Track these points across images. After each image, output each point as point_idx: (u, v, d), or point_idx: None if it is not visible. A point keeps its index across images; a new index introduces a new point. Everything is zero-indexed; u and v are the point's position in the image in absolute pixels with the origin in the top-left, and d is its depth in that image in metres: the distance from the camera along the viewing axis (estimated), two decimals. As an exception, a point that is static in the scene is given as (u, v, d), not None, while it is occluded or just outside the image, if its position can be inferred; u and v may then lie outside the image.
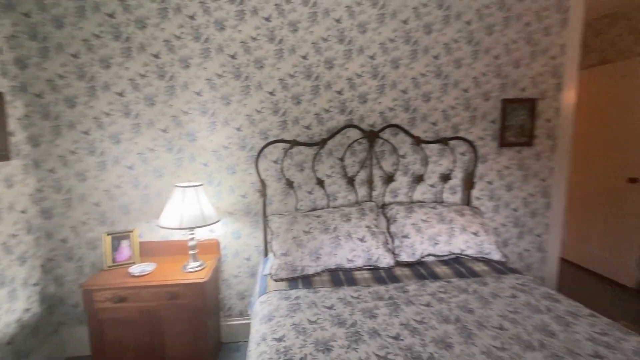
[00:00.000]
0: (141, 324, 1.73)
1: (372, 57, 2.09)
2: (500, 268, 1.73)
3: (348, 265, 1.70)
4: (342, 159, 2.11)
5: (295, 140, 1.99)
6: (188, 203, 1.72)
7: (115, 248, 1.89)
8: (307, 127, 2.09)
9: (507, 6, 2.16)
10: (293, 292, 1.48)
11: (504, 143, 2.28)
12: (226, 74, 1.99)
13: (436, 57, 2.14)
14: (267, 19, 1.97)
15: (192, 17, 1.91)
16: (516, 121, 2.28)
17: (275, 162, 2.09)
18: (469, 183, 2.23)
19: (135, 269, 1.80)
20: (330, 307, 1.34)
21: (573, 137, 3.35)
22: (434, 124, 2.21)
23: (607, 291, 2.81)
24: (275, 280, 1.61)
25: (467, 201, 2.25)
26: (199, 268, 1.85)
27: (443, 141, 2.15)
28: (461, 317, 1.26)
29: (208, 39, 1.94)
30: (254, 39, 1.98)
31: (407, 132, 2.11)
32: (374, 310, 1.31)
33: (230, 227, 2.13)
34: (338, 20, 2.02)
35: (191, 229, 1.74)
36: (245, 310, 2.20)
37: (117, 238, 1.89)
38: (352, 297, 1.43)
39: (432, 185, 2.26)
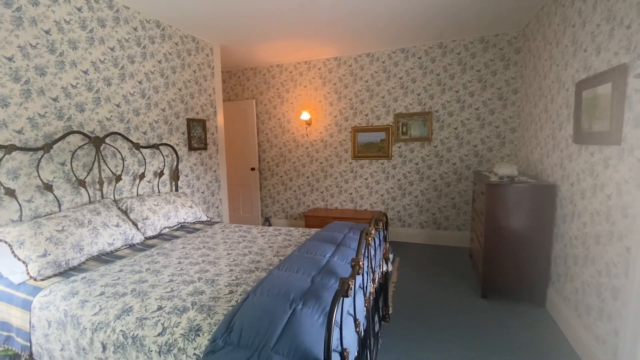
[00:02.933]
0: None
1: (85, 72, 2.35)
2: (210, 223, 2.84)
3: (109, 249, 2.04)
4: (65, 164, 2.21)
5: (12, 145, 1.87)
6: None
7: None
8: (19, 132, 1.98)
9: (182, 56, 3.24)
10: (75, 277, 1.68)
11: (191, 148, 3.38)
12: None
13: (140, 82, 2.79)
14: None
15: None
16: (196, 133, 3.45)
17: (-29, 171, 1.80)
18: (175, 177, 3.11)
19: None
20: (120, 270, 1.76)
21: (225, 143, 5.10)
22: (145, 133, 2.85)
23: (250, 234, 4.83)
24: (42, 280, 1.65)
25: (176, 189, 3.12)
26: None
27: (154, 146, 2.86)
28: (206, 245, 2.21)
29: None
30: None
31: (126, 139, 2.60)
32: (154, 260, 1.92)
33: None
34: (47, 32, 2.11)
35: None
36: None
37: None
38: (131, 261, 1.90)
39: (149, 181, 2.89)
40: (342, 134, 4.43)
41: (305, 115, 4.43)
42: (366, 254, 1.59)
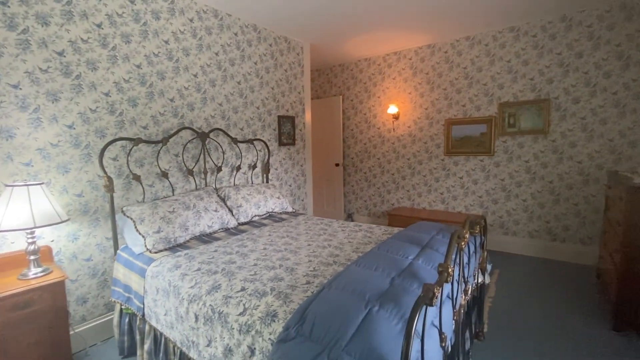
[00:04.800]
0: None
1: (195, 76, 2.69)
2: (295, 214, 2.94)
3: (209, 230, 2.29)
4: (178, 155, 2.57)
5: (139, 138, 2.26)
6: (29, 202, 1.65)
7: None
8: (145, 127, 2.38)
9: (275, 56, 3.43)
10: (180, 252, 1.92)
11: (281, 143, 3.56)
12: (52, 70, 1.93)
13: (239, 83, 3.06)
14: (99, 26, 2.11)
15: (4, 4, 1.74)
16: (286, 129, 3.62)
17: (113, 159, 2.23)
18: (266, 169, 3.32)
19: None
20: (216, 250, 1.95)
21: (312, 139, 5.28)
22: (242, 129, 3.12)
23: (334, 229, 4.87)
24: (155, 253, 1.95)
25: (266, 181, 3.34)
26: (42, 273, 1.76)
27: (249, 141, 3.11)
28: (289, 234, 2.28)
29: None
30: (84, 40, 2.05)
31: (226, 134, 2.89)
32: (244, 244, 2.06)
33: (64, 230, 2.04)
34: (167, 42, 2.48)
35: (31, 230, 1.67)
36: (88, 315, 2.16)
37: None
38: (225, 244, 2.09)
39: (244, 173, 3.16)
40: (434, 128, 4.07)
41: (392, 109, 4.23)
42: (457, 260, 1.38)
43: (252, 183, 3.21)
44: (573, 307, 2.43)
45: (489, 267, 2.16)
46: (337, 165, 4.94)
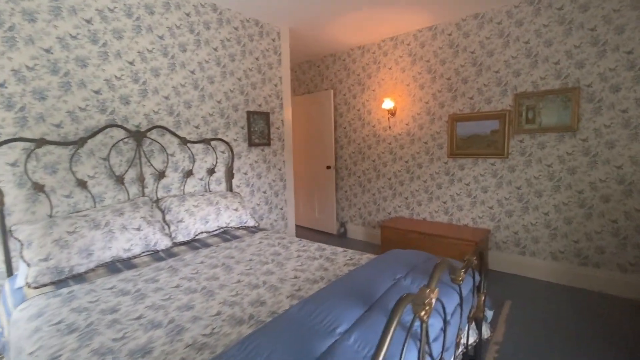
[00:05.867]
0: None
1: (131, 63, 2.23)
2: (254, 230, 2.43)
3: (126, 255, 1.82)
4: (107, 159, 2.12)
5: (43, 139, 1.82)
6: None
7: None
8: (58, 126, 1.95)
9: (243, 42, 2.94)
10: (64, 290, 1.46)
11: (251, 143, 3.07)
12: None
13: (192, 72, 2.58)
14: (-16, -2, 1.68)
15: None
16: (258, 128, 3.12)
17: (12, 165, 1.80)
18: (229, 175, 2.83)
19: None
20: (112, 288, 1.47)
21: (295, 139, 4.78)
22: (197, 127, 2.65)
23: (322, 238, 4.32)
24: (36, 288, 1.49)
25: (230, 188, 2.85)
26: None
27: (206, 141, 2.63)
28: (226, 262, 1.77)
29: None
30: (-38, 16, 1.63)
31: (173, 133, 2.42)
32: (156, 277, 1.58)
33: (-62, 253, 1.63)
34: (89, 21, 2.03)
35: None
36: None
37: None
38: (134, 275, 1.61)
39: (200, 179, 2.69)
40: (436, 125, 3.44)
41: (387, 104, 3.63)
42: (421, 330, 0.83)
43: (210, 191, 2.73)
44: (614, 354, 1.79)
45: (488, 314, 1.56)
46: (328, 168, 4.39)
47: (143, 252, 1.89)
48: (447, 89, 3.32)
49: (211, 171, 2.70)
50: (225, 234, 2.33)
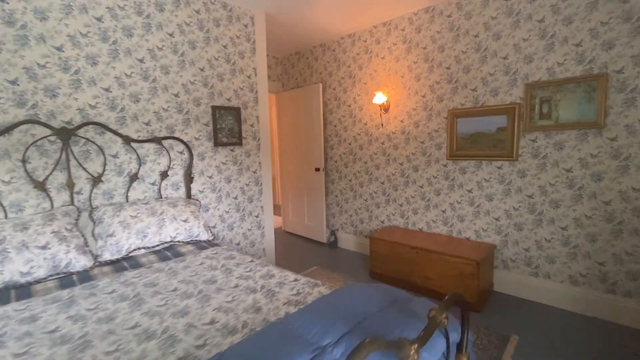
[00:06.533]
0: None
1: (59, 49, 1.90)
2: (206, 245, 2.06)
3: (24, 280, 1.48)
4: (24, 161, 1.80)
5: None
6: None
7: None
8: (-42, 122, 1.63)
9: (206, 27, 2.57)
10: None
11: (218, 143, 2.70)
12: None
13: (141, 61, 2.24)
14: None
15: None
16: (226, 125, 2.76)
17: None
18: (188, 178, 2.48)
19: None
20: (-27, 330, 1.13)
21: (283, 139, 4.41)
22: (148, 124, 2.30)
23: (311, 247, 3.92)
24: None
25: (188, 195, 2.50)
26: None
27: (156, 140, 2.28)
28: (142, 292, 1.41)
29: None
30: None
31: (112, 131, 2.08)
32: (38, 315, 1.23)
33: None
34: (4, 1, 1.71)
35: None
36: None
37: None
38: (15, 309, 1.27)
39: (152, 184, 2.34)
40: (434, 122, 2.98)
41: (379, 98, 3.19)
42: None
43: (163, 197, 2.39)
44: None
45: (474, 379, 1.13)
46: (317, 170, 3.98)
47: (50, 276, 1.55)
48: (446, 79, 2.86)
49: (164, 174, 2.35)
50: (169, 251, 1.97)
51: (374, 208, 3.57)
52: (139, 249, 1.90)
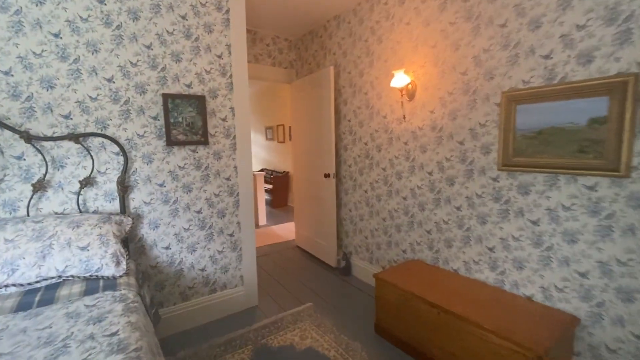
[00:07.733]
0: None
1: None
2: (96, 287, 1.46)
3: None
4: None
5: None
6: None
7: None
8: None
9: (155, -7, 1.99)
10: None
11: (172, 141, 2.11)
12: None
13: (57, 36, 1.74)
14: None
15: None
16: (184, 118, 2.15)
17: None
18: (122, 188, 1.93)
19: None
20: None
21: (295, 137, 3.66)
22: (67, 117, 1.80)
23: (317, 272, 3.14)
24: None
25: (122, 209, 1.95)
26: None
27: (74, 139, 1.77)
28: None
29: None
30: None
31: (8, 127, 1.61)
32: None
33: None
34: None
35: None
36: None
37: None
38: None
39: (75, 193, 1.84)
40: (479, 112, 1.95)
41: (400, 79, 2.26)
42: None
43: (87, 211, 1.87)
44: None
45: None
46: (326, 176, 3.18)
47: None
48: (500, 44, 1.81)
49: (86, 182, 1.83)
50: (45, 292, 1.41)
51: (393, 231, 2.63)
52: (5, 286, 1.38)
